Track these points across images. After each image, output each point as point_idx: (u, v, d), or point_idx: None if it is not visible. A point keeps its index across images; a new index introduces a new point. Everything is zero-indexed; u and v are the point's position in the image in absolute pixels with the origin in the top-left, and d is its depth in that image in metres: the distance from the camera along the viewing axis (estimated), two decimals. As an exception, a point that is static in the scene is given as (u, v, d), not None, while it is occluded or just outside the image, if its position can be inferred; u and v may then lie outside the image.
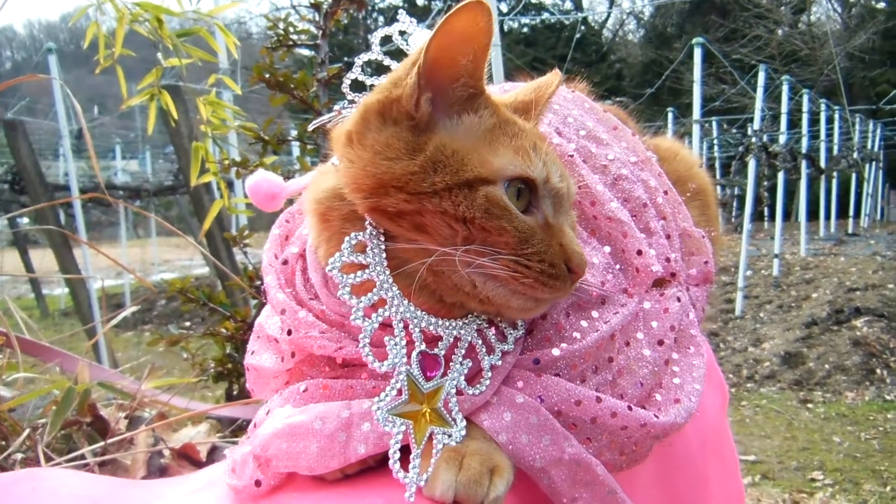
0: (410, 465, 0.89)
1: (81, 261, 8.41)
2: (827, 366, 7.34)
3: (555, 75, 1.11)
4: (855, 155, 17.15)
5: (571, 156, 1.21)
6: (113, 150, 17.40)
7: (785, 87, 11.41)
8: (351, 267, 0.94)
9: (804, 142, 13.17)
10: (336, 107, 1.09)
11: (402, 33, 1.11)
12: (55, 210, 8.20)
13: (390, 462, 0.89)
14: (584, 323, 1.05)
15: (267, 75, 2.28)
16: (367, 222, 0.95)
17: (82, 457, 1.55)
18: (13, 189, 11.87)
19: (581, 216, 1.20)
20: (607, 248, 1.17)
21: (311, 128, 1.10)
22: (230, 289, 3.26)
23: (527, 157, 0.94)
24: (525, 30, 29.42)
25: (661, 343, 1.09)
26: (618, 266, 1.16)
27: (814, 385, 7.05)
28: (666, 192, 1.29)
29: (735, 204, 15.06)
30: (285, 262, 1.10)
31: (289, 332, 1.02)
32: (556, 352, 0.99)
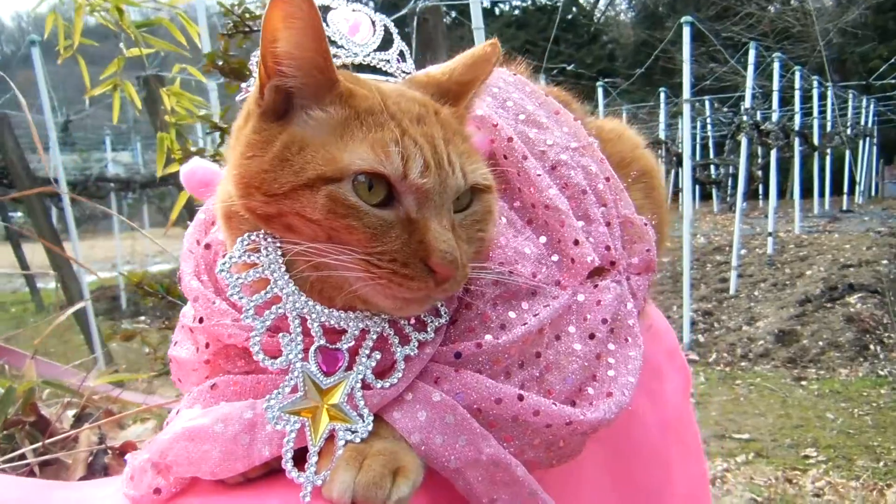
0: (307, 464, 0.86)
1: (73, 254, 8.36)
2: (821, 343, 7.36)
3: (493, 48, 1.05)
4: (848, 131, 17.07)
5: (511, 139, 1.16)
6: (103, 141, 17.32)
7: (776, 65, 11.35)
8: (244, 267, 0.91)
9: (797, 119, 13.10)
10: (243, 85, 1.04)
11: (324, 9, 1.06)
12: (44, 204, 8.19)
13: (283, 462, 0.85)
14: (511, 314, 1.01)
15: (220, 62, 2.23)
16: None
17: (24, 457, 1.52)
18: (2, 184, 11.82)
19: (520, 204, 1.16)
20: (543, 239, 1.13)
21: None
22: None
23: (382, 150, 0.88)
24: (516, 12, 29.23)
25: (592, 337, 1.06)
26: (554, 257, 1.11)
27: (807, 362, 7.07)
28: (608, 179, 1.24)
29: (729, 183, 15.03)
30: (208, 247, 1.07)
31: (200, 321, 0.99)
32: (478, 345, 0.95)
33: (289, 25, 0.86)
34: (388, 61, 1.08)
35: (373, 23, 1.08)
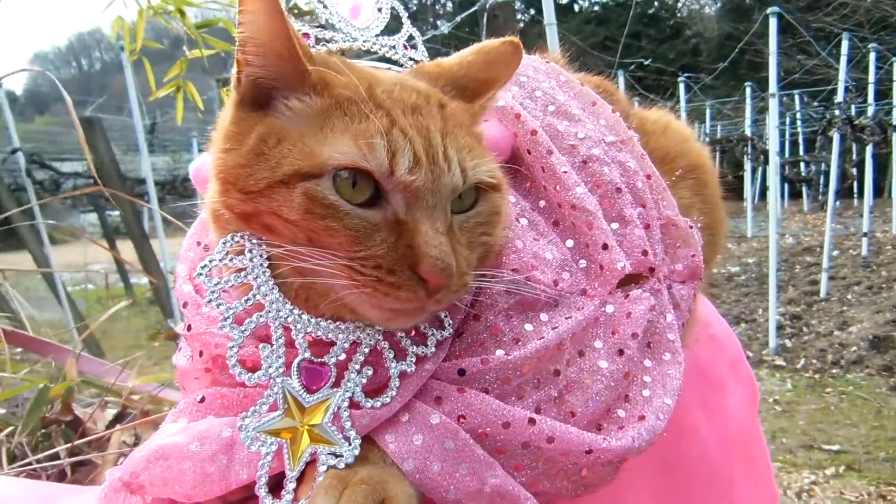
0: (284, 491, 0.78)
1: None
2: (920, 350, 6.92)
3: (514, 48, 0.95)
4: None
5: (535, 132, 1.06)
6: (190, 143, 17.87)
7: (872, 56, 10.74)
8: (230, 270, 0.84)
9: (895, 113, 12.36)
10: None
11: None
12: (134, 204, 8.55)
13: (257, 487, 0.78)
14: (528, 327, 0.91)
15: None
16: None
17: (58, 456, 1.51)
18: (97, 184, 12.37)
19: (546, 204, 1.06)
20: (570, 242, 1.02)
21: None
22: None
23: (365, 143, 0.78)
24: (595, 8, 28.69)
25: (621, 353, 0.94)
26: (582, 262, 1.01)
27: (905, 371, 6.65)
28: (648, 176, 1.12)
29: (821, 181, 14.35)
30: (207, 249, 1.01)
31: (188, 328, 0.94)
32: (484, 361, 0.85)
33: (249, 9, 0.79)
34: (394, 47, 0.99)
35: (378, 6, 1.00)
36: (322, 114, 0.82)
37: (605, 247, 0.99)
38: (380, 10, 1.00)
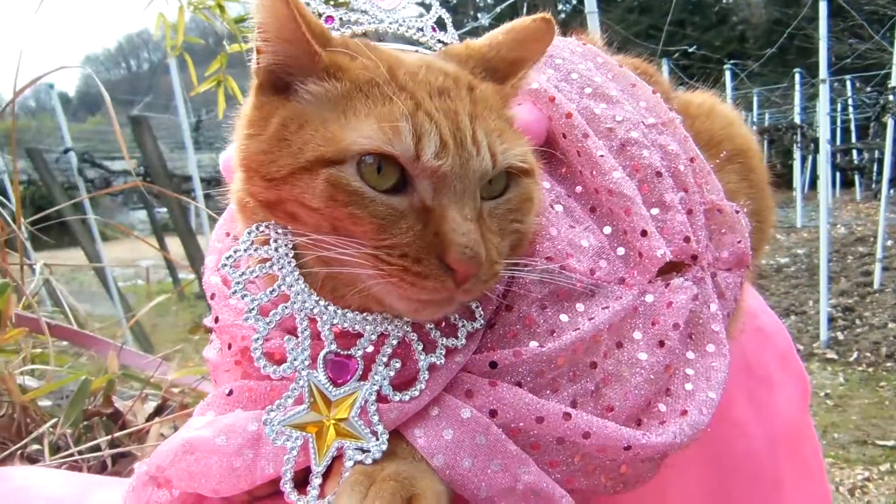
0: (310, 486, 0.76)
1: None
2: (978, 342, 6.72)
3: (546, 24, 0.91)
4: None
5: (570, 115, 1.02)
6: (235, 140, 18.17)
7: (928, 38, 10.37)
8: (256, 261, 0.82)
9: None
10: None
11: None
12: (180, 201, 8.75)
13: (282, 482, 0.76)
14: (564, 318, 0.87)
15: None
16: None
17: (99, 448, 1.53)
18: (145, 180, 12.66)
19: (582, 189, 1.02)
20: (608, 229, 0.98)
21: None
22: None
23: (389, 127, 0.75)
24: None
25: (661, 345, 0.90)
26: (620, 250, 0.96)
27: (963, 364, 6.48)
28: (692, 159, 1.07)
29: (874, 168, 13.92)
30: (236, 240, 0.99)
31: (216, 320, 0.93)
32: (517, 353, 0.82)
33: None
34: (422, 29, 0.96)
35: None
36: (344, 97, 0.79)
37: (643, 233, 0.95)
38: None
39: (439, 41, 0.97)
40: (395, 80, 0.80)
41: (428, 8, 0.98)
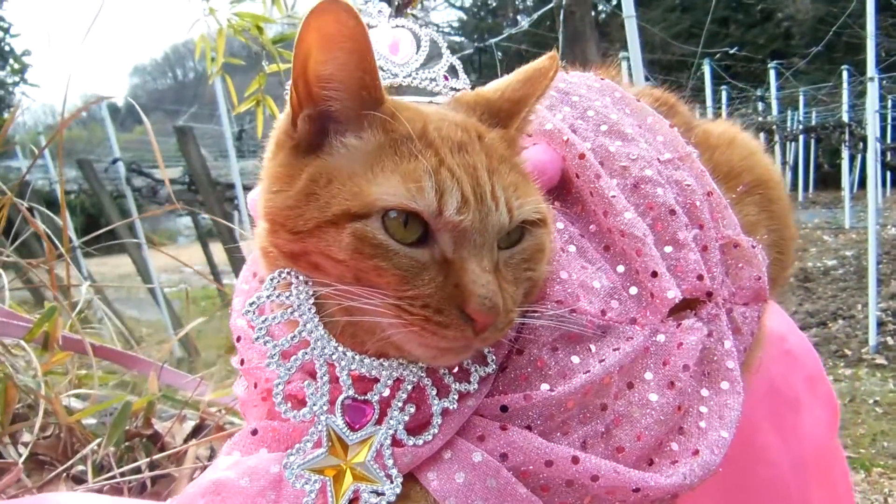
0: None
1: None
2: None
3: (551, 62, 0.94)
4: None
5: (583, 156, 1.04)
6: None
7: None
8: (278, 307, 0.86)
9: None
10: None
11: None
12: (224, 208, 8.91)
13: None
14: (575, 359, 0.89)
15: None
16: None
17: (139, 470, 1.58)
18: (189, 189, 12.91)
19: (596, 228, 1.03)
20: (621, 268, 1.00)
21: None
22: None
23: (414, 184, 0.79)
24: (680, -5, 27.84)
25: (672, 385, 0.91)
26: (633, 289, 0.98)
27: None
28: (709, 194, 1.08)
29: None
30: (262, 282, 1.03)
31: (241, 363, 0.96)
32: (526, 397, 0.84)
33: (332, 45, 0.80)
34: (434, 80, 0.99)
35: (416, 39, 1.00)
36: (375, 152, 0.83)
37: (654, 274, 0.96)
38: (419, 45, 1.00)
39: (451, 88, 0.99)
40: (424, 136, 0.83)
41: (440, 56, 1.00)
